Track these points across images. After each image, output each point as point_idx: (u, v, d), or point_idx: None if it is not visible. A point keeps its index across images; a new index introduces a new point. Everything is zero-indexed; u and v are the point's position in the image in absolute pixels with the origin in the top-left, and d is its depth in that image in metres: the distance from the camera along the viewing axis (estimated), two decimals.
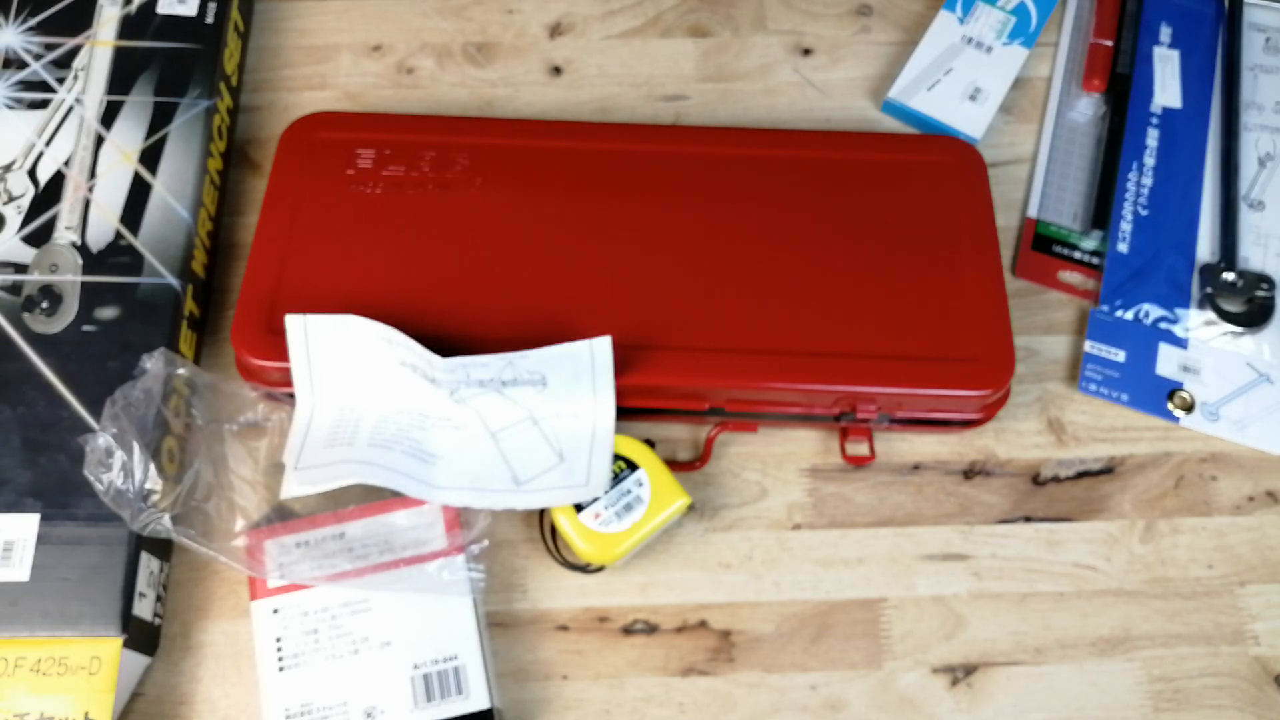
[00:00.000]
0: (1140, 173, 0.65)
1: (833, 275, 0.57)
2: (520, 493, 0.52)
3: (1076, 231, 0.64)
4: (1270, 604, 0.55)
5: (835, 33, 0.70)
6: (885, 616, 0.55)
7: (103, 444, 0.50)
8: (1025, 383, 0.60)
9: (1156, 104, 0.67)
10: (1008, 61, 0.68)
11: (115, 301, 0.56)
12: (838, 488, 0.58)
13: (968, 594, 0.55)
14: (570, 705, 0.53)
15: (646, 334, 0.55)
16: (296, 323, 0.53)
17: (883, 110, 0.68)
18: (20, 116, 0.60)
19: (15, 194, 0.58)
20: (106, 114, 0.61)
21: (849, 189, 0.60)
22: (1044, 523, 0.57)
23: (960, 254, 0.58)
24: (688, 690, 0.53)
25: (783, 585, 0.55)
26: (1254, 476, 0.58)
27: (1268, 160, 0.66)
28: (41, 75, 0.62)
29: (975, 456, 0.58)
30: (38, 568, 0.50)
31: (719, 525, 0.56)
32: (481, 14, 0.71)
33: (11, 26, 0.63)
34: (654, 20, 0.71)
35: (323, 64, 0.68)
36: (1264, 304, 0.61)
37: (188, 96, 0.62)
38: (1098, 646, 0.54)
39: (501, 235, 0.58)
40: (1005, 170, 0.66)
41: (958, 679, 0.54)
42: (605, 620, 0.54)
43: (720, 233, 0.58)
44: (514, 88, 0.68)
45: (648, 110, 0.68)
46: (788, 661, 0.54)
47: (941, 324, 0.56)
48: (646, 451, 0.54)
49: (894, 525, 0.57)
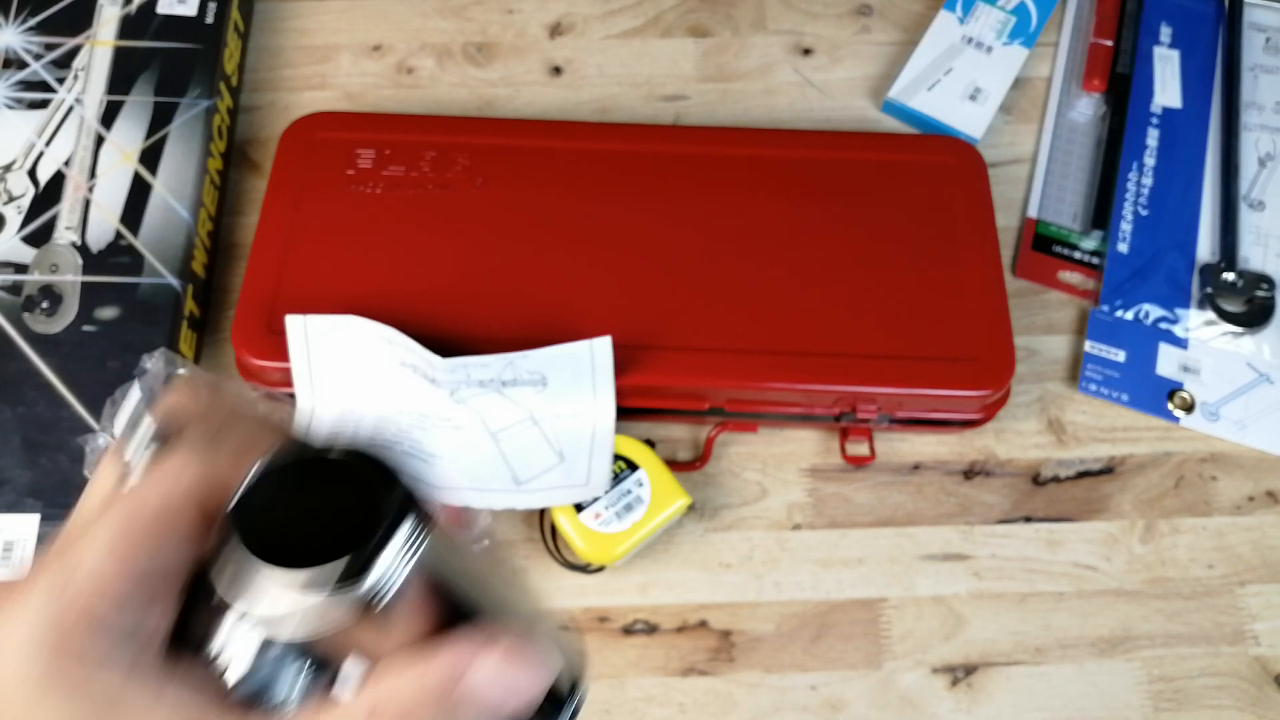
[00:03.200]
0: (1140, 173, 0.65)
1: (833, 275, 0.57)
2: (520, 493, 0.52)
3: (1076, 231, 0.64)
4: (1270, 604, 0.55)
5: (835, 33, 0.70)
6: (885, 616, 0.55)
7: (103, 444, 0.50)
8: (1025, 383, 0.60)
9: (1156, 104, 0.67)
10: (1008, 61, 0.68)
11: (115, 301, 0.56)
12: (838, 488, 0.58)
13: (968, 594, 0.55)
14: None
15: (646, 334, 0.55)
16: (296, 323, 0.53)
17: (883, 110, 0.68)
18: (20, 116, 0.60)
19: (15, 194, 0.58)
20: (106, 114, 0.61)
21: (849, 189, 0.60)
22: (1044, 523, 0.57)
23: (960, 254, 0.58)
24: (688, 690, 0.53)
25: (783, 585, 0.55)
26: (1254, 476, 0.58)
27: (1268, 160, 0.66)
28: (41, 75, 0.62)
29: (975, 456, 0.58)
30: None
31: (719, 525, 0.56)
32: (481, 14, 0.70)
33: (11, 26, 0.63)
34: (654, 20, 0.71)
35: (323, 64, 0.68)
36: (1264, 304, 0.61)
37: (188, 96, 0.62)
38: (1098, 646, 0.54)
39: (501, 235, 0.58)
40: (1005, 170, 0.66)
41: (958, 679, 0.54)
42: (605, 620, 0.54)
43: (720, 233, 0.58)
44: (514, 88, 0.68)
45: (648, 110, 0.68)
46: (788, 661, 0.54)
47: (941, 324, 0.56)
48: (646, 451, 0.54)
49: (894, 525, 0.57)
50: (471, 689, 0.23)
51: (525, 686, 0.23)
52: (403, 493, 0.23)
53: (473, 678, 0.23)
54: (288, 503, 0.24)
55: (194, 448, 0.25)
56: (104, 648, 0.23)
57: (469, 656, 0.23)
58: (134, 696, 0.23)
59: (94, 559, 0.23)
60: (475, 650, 0.23)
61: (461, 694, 0.23)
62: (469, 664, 0.23)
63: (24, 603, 0.23)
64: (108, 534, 0.24)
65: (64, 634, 0.23)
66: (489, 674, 0.23)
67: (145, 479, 0.25)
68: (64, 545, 0.25)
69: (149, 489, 0.25)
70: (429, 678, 0.23)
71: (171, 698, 0.23)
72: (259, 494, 0.23)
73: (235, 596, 0.22)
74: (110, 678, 0.23)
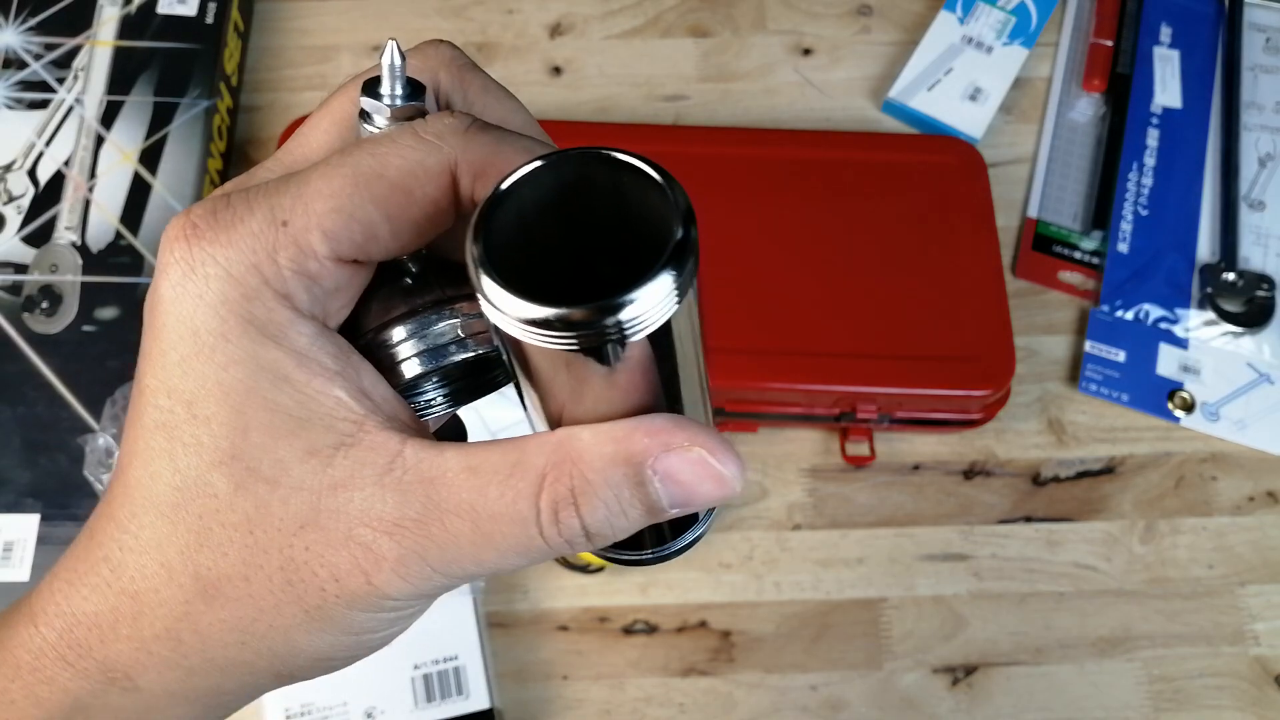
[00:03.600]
0: (1140, 173, 0.65)
1: (833, 275, 0.57)
2: None
3: (1076, 231, 0.64)
4: (1270, 604, 0.55)
5: (835, 33, 0.70)
6: (885, 616, 0.55)
7: (103, 444, 0.50)
8: (1025, 383, 0.60)
9: (1156, 104, 0.67)
10: (1008, 61, 0.68)
11: (115, 301, 0.56)
12: (838, 488, 0.58)
13: (968, 594, 0.55)
14: (570, 705, 0.53)
15: None
16: None
17: (883, 110, 0.68)
18: (20, 116, 0.60)
19: (15, 194, 0.58)
20: (106, 114, 0.61)
21: (849, 189, 0.60)
22: (1044, 523, 0.57)
23: (960, 254, 0.58)
24: (688, 690, 0.53)
25: (783, 585, 0.55)
26: (1254, 476, 0.58)
27: (1268, 160, 0.66)
28: (41, 75, 0.62)
29: (975, 456, 0.58)
30: (38, 568, 0.50)
31: (719, 525, 0.56)
32: (481, 14, 0.70)
33: (11, 26, 0.63)
34: (654, 20, 0.71)
35: (323, 64, 0.68)
36: (1264, 304, 0.61)
37: (188, 96, 0.62)
38: (1098, 646, 0.54)
39: None
40: (1005, 170, 0.66)
41: (958, 679, 0.54)
42: (605, 620, 0.54)
43: (720, 233, 0.58)
44: (514, 88, 0.68)
45: (648, 110, 0.68)
46: (788, 661, 0.54)
47: (941, 324, 0.56)
48: None
49: (894, 525, 0.57)
50: (667, 470, 0.21)
51: (713, 490, 0.21)
52: (689, 226, 0.19)
53: (670, 461, 0.21)
54: (553, 211, 0.21)
55: (454, 125, 0.22)
56: (284, 321, 0.21)
57: (676, 437, 0.21)
58: (301, 381, 0.21)
59: (322, 206, 0.21)
60: (684, 434, 0.21)
61: (655, 471, 0.21)
62: (673, 446, 0.21)
63: (230, 237, 0.21)
64: (338, 185, 0.21)
65: (248, 294, 0.21)
66: (687, 464, 0.21)
67: (390, 137, 0.22)
68: (278, 173, 0.23)
69: (393, 151, 0.21)
70: (629, 447, 0.21)
71: (333, 397, 0.21)
72: (525, 192, 0.20)
73: (486, 293, 0.19)
74: (280, 357, 0.21)
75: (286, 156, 0.24)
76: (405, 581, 0.21)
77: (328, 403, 0.21)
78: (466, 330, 0.24)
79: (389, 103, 0.22)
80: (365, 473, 0.21)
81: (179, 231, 0.21)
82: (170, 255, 0.21)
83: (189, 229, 0.21)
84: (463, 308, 0.24)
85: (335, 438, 0.21)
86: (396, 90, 0.22)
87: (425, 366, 0.23)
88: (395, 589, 0.21)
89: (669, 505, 0.21)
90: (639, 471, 0.21)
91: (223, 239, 0.21)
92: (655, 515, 0.22)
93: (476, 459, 0.21)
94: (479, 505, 0.21)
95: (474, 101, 0.25)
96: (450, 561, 0.21)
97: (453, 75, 0.25)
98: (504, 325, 0.19)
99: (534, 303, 0.19)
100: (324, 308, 0.22)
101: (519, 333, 0.19)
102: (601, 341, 0.19)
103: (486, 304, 0.19)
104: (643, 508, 0.21)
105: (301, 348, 0.21)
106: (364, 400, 0.22)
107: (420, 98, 0.23)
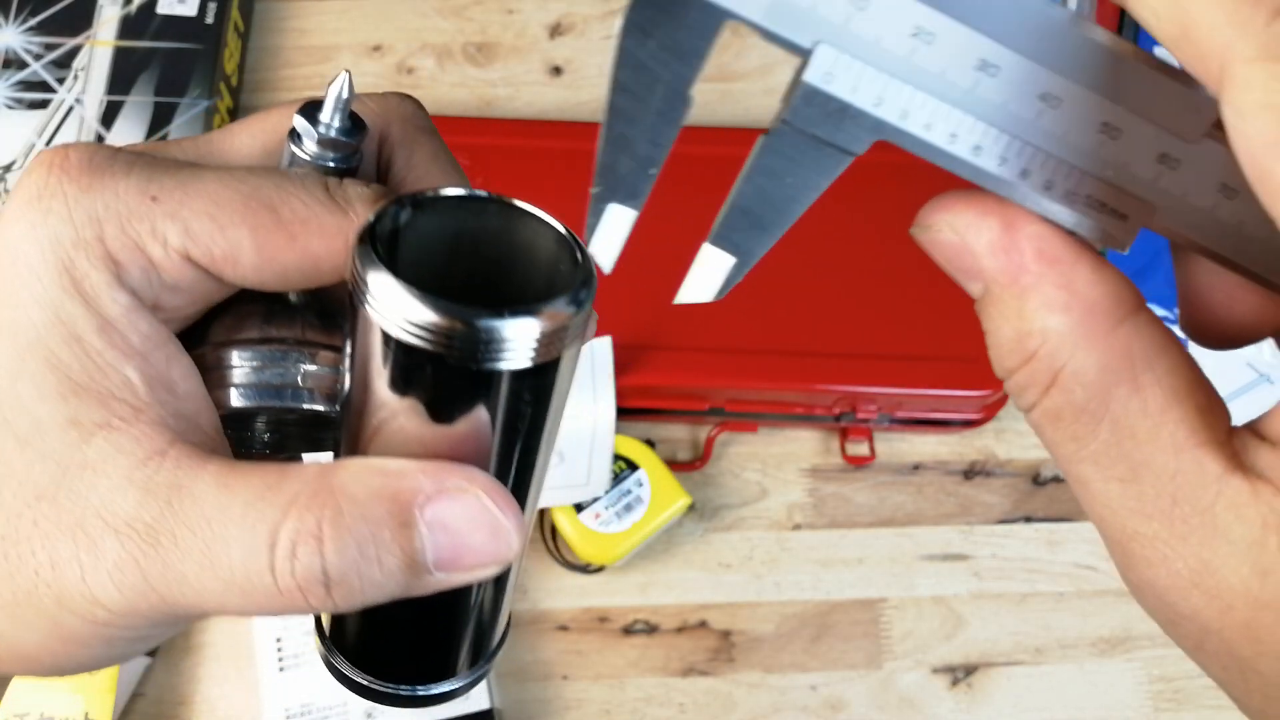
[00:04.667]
0: None
1: (833, 274, 0.57)
2: None
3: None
4: None
5: None
6: (885, 616, 0.55)
7: None
8: None
9: None
10: None
11: None
12: (838, 488, 0.58)
13: (968, 594, 0.55)
14: (570, 705, 0.53)
15: (646, 334, 0.55)
16: None
17: None
18: (20, 116, 0.60)
19: None
20: (106, 114, 0.61)
21: (849, 188, 0.60)
22: (1044, 523, 0.57)
23: None
24: (688, 690, 0.53)
25: (783, 585, 0.55)
26: None
27: None
28: (41, 75, 0.62)
29: (975, 456, 0.58)
30: None
31: (719, 525, 0.56)
32: (481, 14, 0.70)
33: (11, 26, 0.63)
34: None
35: (323, 64, 0.68)
36: None
37: (188, 96, 0.62)
38: (1098, 646, 0.54)
39: None
40: None
41: (958, 679, 0.54)
42: (605, 620, 0.54)
43: None
44: (514, 88, 0.68)
45: None
46: (788, 661, 0.54)
47: (941, 324, 0.56)
48: (646, 451, 0.54)
49: (894, 525, 0.57)
50: (437, 515, 0.19)
51: (486, 541, 0.19)
52: (588, 267, 0.19)
53: (443, 505, 0.19)
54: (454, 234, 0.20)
55: (368, 196, 0.22)
56: (100, 283, 0.20)
57: (454, 478, 0.19)
58: (95, 348, 0.20)
59: (199, 205, 0.20)
60: (464, 475, 0.19)
61: (422, 514, 0.19)
62: (449, 489, 0.19)
63: (92, 183, 0.20)
64: (227, 196, 0.20)
65: (79, 243, 0.20)
66: (461, 507, 0.19)
67: (304, 180, 0.22)
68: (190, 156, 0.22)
69: (298, 195, 0.21)
70: (400, 482, 0.19)
71: (121, 375, 0.20)
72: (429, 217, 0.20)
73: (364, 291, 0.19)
74: (82, 314, 0.20)
75: (205, 145, 0.23)
76: (119, 592, 0.19)
77: (114, 378, 0.20)
78: (312, 380, 0.22)
79: (321, 131, 0.22)
80: (120, 461, 0.19)
81: (49, 159, 0.20)
82: (28, 178, 0.20)
83: (60, 161, 0.20)
84: (319, 355, 0.22)
85: (103, 415, 0.20)
86: (334, 121, 0.22)
87: (247, 401, 0.22)
88: (108, 597, 0.19)
89: (433, 560, 0.19)
90: (405, 511, 0.19)
91: (83, 182, 0.20)
92: (414, 573, 0.19)
93: (235, 476, 0.19)
94: (216, 524, 0.19)
95: (416, 165, 0.24)
96: (171, 581, 0.19)
97: (405, 133, 0.24)
98: (371, 302, 0.18)
99: (412, 289, 0.18)
100: (156, 298, 0.21)
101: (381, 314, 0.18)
102: (466, 349, 0.18)
103: (356, 269, 0.19)
104: (402, 557, 0.19)
105: (110, 315, 0.20)
106: (158, 392, 0.20)
107: (357, 136, 0.22)
